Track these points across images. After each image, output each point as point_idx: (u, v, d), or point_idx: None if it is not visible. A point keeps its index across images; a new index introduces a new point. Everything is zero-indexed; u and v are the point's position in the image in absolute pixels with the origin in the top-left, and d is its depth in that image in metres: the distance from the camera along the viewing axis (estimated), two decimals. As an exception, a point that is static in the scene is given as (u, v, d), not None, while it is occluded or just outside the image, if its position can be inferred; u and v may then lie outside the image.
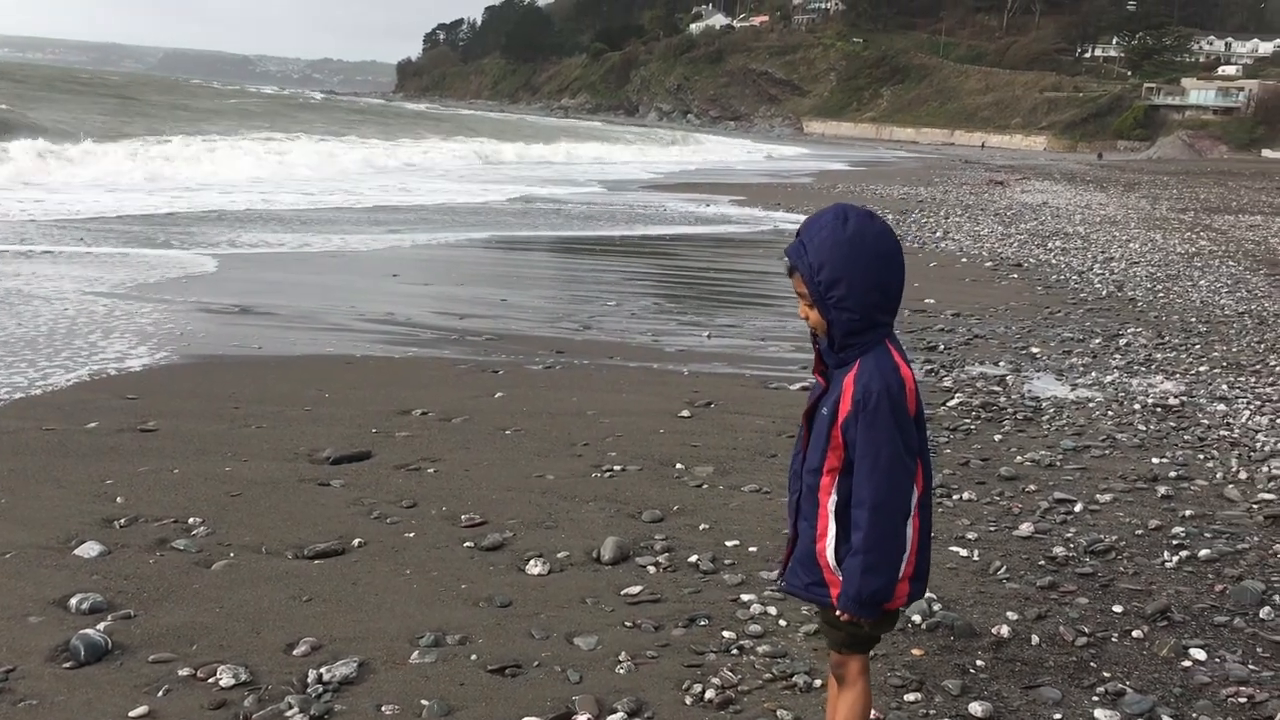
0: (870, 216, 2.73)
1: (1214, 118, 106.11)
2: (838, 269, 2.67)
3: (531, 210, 22.01)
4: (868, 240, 2.69)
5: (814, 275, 2.70)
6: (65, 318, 9.04)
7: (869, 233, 2.70)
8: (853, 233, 2.68)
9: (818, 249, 2.69)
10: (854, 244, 2.67)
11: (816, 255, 2.69)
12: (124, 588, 4.23)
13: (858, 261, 2.67)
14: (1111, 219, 26.10)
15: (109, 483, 5.36)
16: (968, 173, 51.18)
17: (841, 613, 2.79)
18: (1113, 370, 9.06)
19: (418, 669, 3.73)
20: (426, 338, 9.17)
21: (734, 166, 50.74)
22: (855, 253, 2.67)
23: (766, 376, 8.34)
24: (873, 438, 2.67)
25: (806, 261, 2.71)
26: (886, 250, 2.71)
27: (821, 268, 2.68)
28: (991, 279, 14.58)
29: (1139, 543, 5.17)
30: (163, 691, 3.50)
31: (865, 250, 2.68)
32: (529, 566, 4.62)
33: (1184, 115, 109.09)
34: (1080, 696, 3.72)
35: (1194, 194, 38.64)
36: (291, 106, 71.90)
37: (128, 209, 17.71)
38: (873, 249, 2.69)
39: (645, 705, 3.53)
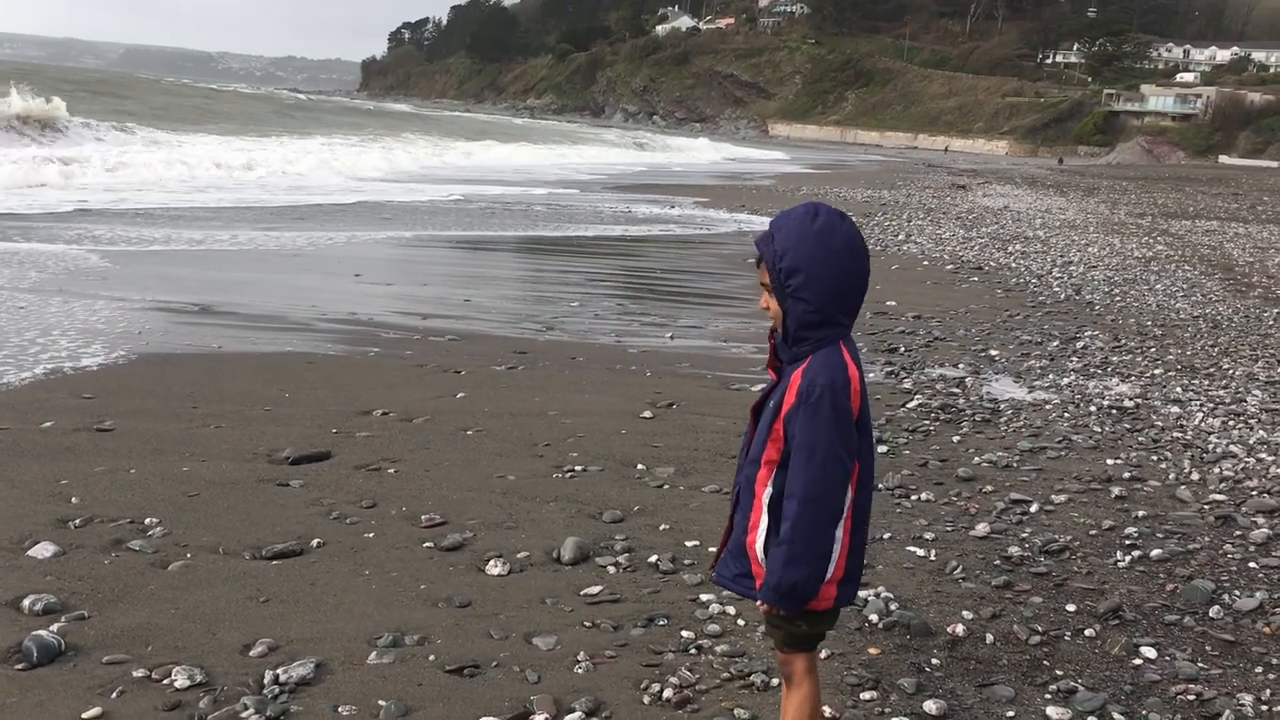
0: (841, 217, 2.76)
1: (1172, 124, 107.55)
2: (799, 259, 2.70)
3: (494, 210, 21.96)
4: (835, 237, 2.72)
5: (776, 262, 2.72)
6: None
7: (837, 230, 2.73)
8: (820, 227, 2.71)
9: (784, 238, 2.72)
10: (820, 238, 2.70)
11: (782, 244, 2.72)
12: (78, 589, 4.19)
13: (821, 255, 2.69)
14: (1071, 223, 26.40)
15: (64, 483, 5.30)
16: (930, 176, 51.57)
17: (761, 603, 2.81)
18: (1070, 373, 9.17)
19: (375, 669, 3.72)
20: (389, 337, 9.13)
21: (699, 168, 50.83)
22: (819, 246, 2.70)
23: (728, 378, 8.38)
24: (811, 432, 2.69)
25: (772, 248, 2.74)
26: (852, 250, 2.74)
27: (784, 255, 2.71)
28: (952, 282, 14.71)
29: (1093, 543, 5.24)
30: (116, 693, 3.47)
31: (830, 246, 2.71)
32: (489, 567, 4.62)
33: (1143, 121, 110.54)
34: (1033, 694, 3.77)
35: (1152, 199, 39.14)
36: (307, 109, 70.13)
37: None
38: (838, 246, 2.72)
39: (603, 705, 3.55)
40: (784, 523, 2.73)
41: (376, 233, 16.92)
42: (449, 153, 43.26)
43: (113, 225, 15.37)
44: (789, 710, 2.94)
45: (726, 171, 48.24)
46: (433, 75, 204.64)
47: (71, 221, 15.51)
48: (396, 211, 20.47)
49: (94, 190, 20.25)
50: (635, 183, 34.68)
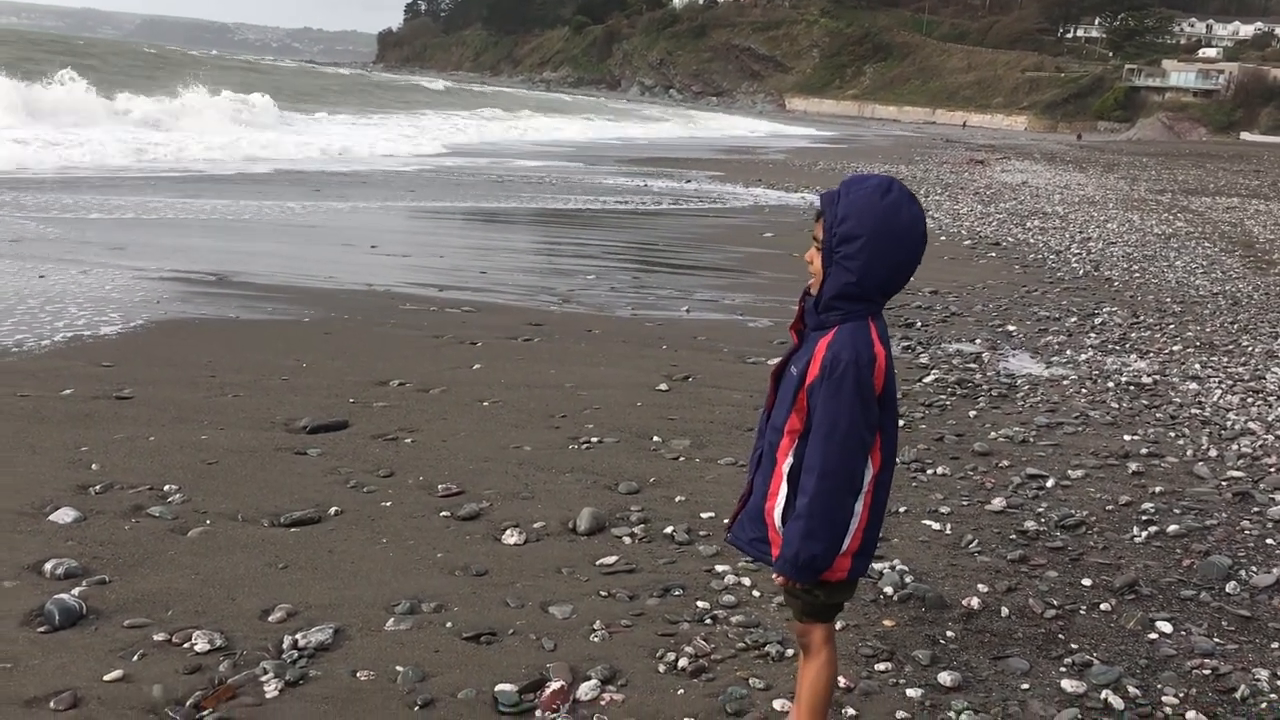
0: (912, 199, 2.73)
1: (1194, 100, 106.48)
2: (860, 227, 2.67)
3: (507, 181, 21.92)
4: (900, 217, 2.69)
5: (835, 224, 2.70)
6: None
7: (904, 212, 2.70)
8: (889, 204, 2.69)
9: (851, 203, 2.70)
10: (886, 214, 2.68)
11: (846, 208, 2.70)
12: (99, 553, 4.23)
13: (881, 230, 2.67)
14: (1090, 199, 26.21)
15: (84, 449, 5.35)
16: (948, 151, 51.24)
17: (776, 575, 2.82)
18: (1087, 349, 9.13)
19: (393, 636, 3.75)
20: (406, 308, 9.14)
21: (716, 141, 50.63)
22: (881, 222, 2.67)
23: (744, 351, 8.37)
24: (833, 407, 2.68)
25: (835, 209, 2.71)
26: (913, 234, 2.72)
27: (845, 220, 2.69)
28: (970, 257, 14.64)
29: (1109, 518, 5.23)
30: (137, 656, 3.51)
31: (892, 225, 2.68)
32: (505, 536, 4.64)
33: (1164, 97, 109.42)
34: (1048, 667, 3.77)
35: (1172, 175, 38.84)
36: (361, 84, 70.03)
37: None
38: (901, 227, 2.69)
39: (619, 673, 3.57)
40: (801, 496, 2.73)
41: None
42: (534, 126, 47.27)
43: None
44: (806, 678, 2.95)
45: (744, 145, 48.03)
46: (449, 47, 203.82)
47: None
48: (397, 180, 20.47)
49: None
50: (652, 156, 34.54)
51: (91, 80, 29.95)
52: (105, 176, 17.94)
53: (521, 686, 3.43)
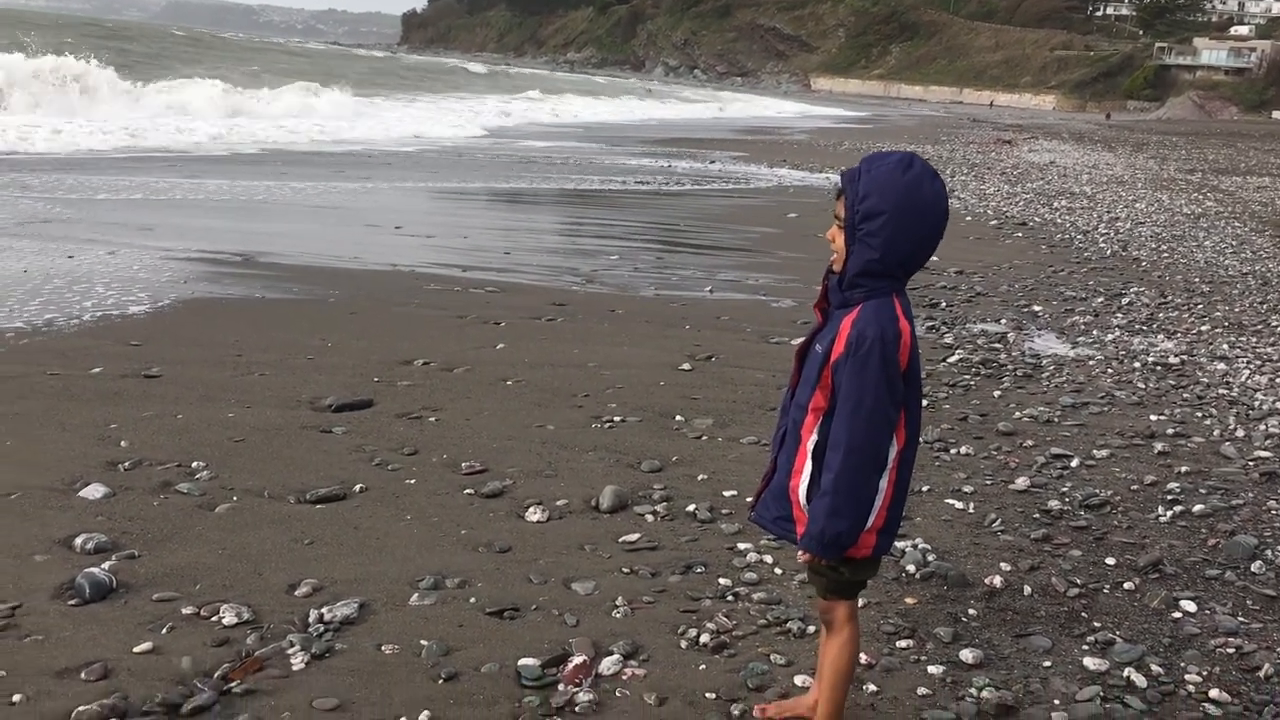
0: (934, 176, 2.73)
1: (1225, 78, 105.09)
2: (881, 204, 2.67)
3: (531, 162, 21.92)
4: (922, 193, 2.68)
5: (857, 202, 2.70)
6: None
7: (926, 188, 2.69)
8: (911, 179, 2.68)
9: (872, 179, 2.69)
10: (908, 190, 2.67)
11: (867, 185, 2.69)
12: (128, 528, 4.29)
13: (903, 206, 2.66)
14: (1119, 179, 25.97)
15: (113, 427, 5.41)
16: (975, 131, 50.85)
17: (802, 551, 2.83)
18: (1114, 329, 9.07)
19: (417, 610, 3.78)
20: (431, 289, 9.18)
21: (740, 122, 50.45)
22: (905, 197, 2.67)
23: (767, 331, 8.36)
24: (858, 383, 2.69)
25: (856, 187, 2.71)
26: (934, 210, 2.71)
27: (866, 197, 2.68)
28: (996, 237, 14.54)
29: (1134, 498, 5.21)
30: (166, 629, 3.56)
31: (915, 200, 2.67)
32: (528, 513, 4.67)
33: (1195, 76, 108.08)
34: (1070, 645, 3.77)
35: (1202, 155, 38.40)
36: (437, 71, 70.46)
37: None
38: (922, 203, 2.68)
39: (641, 648, 3.59)
40: (826, 473, 2.74)
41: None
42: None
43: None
44: (828, 654, 2.97)
45: (768, 125, 47.85)
46: (473, 28, 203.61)
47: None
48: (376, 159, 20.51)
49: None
50: (677, 136, 34.45)
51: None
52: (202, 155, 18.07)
53: (544, 661, 3.46)
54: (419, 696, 3.24)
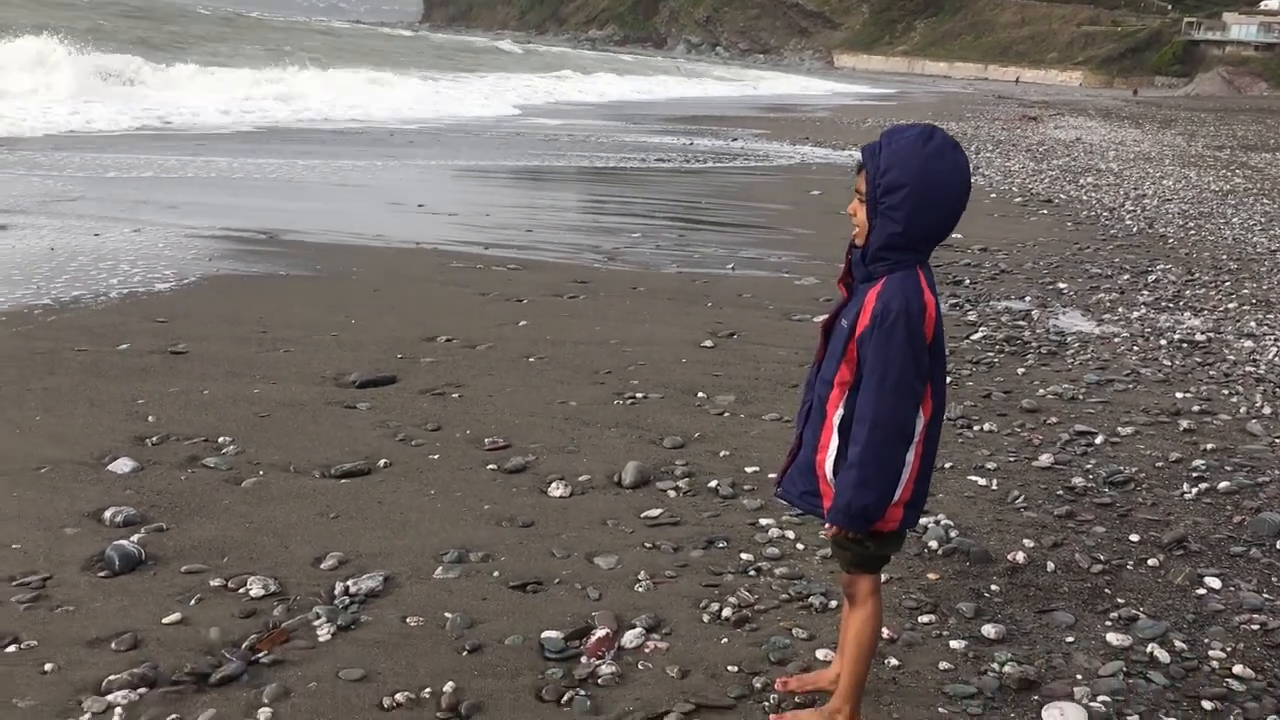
0: (955, 146, 2.71)
1: (1255, 54, 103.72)
2: (902, 177, 2.66)
3: (555, 140, 21.89)
4: (943, 164, 2.67)
5: (878, 175, 2.69)
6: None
7: (948, 158, 2.68)
8: (932, 151, 2.67)
9: (893, 153, 2.68)
10: (928, 161, 2.66)
11: (888, 158, 2.68)
12: (156, 502, 4.34)
13: (924, 179, 2.65)
14: (1146, 156, 25.71)
15: (141, 402, 5.47)
16: (1000, 108, 50.42)
17: (829, 525, 2.83)
18: (1140, 306, 9.00)
19: (441, 584, 3.81)
20: (454, 266, 9.20)
21: (767, 100, 50.21)
22: (925, 170, 2.66)
23: (790, 309, 8.34)
24: (884, 356, 2.68)
25: (877, 161, 2.70)
26: (956, 182, 2.70)
27: (888, 170, 2.67)
28: (1021, 215, 14.44)
29: (1159, 474, 5.19)
30: (195, 600, 3.61)
31: (936, 172, 2.66)
32: (551, 489, 4.70)
33: (1224, 51, 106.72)
34: (1093, 621, 3.77)
35: (1231, 131, 37.95)
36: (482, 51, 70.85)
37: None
38: (944, 174, 2.67)
39: (664, 622, 3.61)
40: (853, 446, 2.74)
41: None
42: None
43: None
44: (851, 628, 2.97)
45: (787, 103, 47.63)
46: (494, 6, 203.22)
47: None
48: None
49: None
50: (697, 113, 34.32)
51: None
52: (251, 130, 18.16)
53: (567, 634, 3.48)
54: (444, 668, 3.27)
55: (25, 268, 8.14)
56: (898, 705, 3.18)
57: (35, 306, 7.12)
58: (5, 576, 3.69)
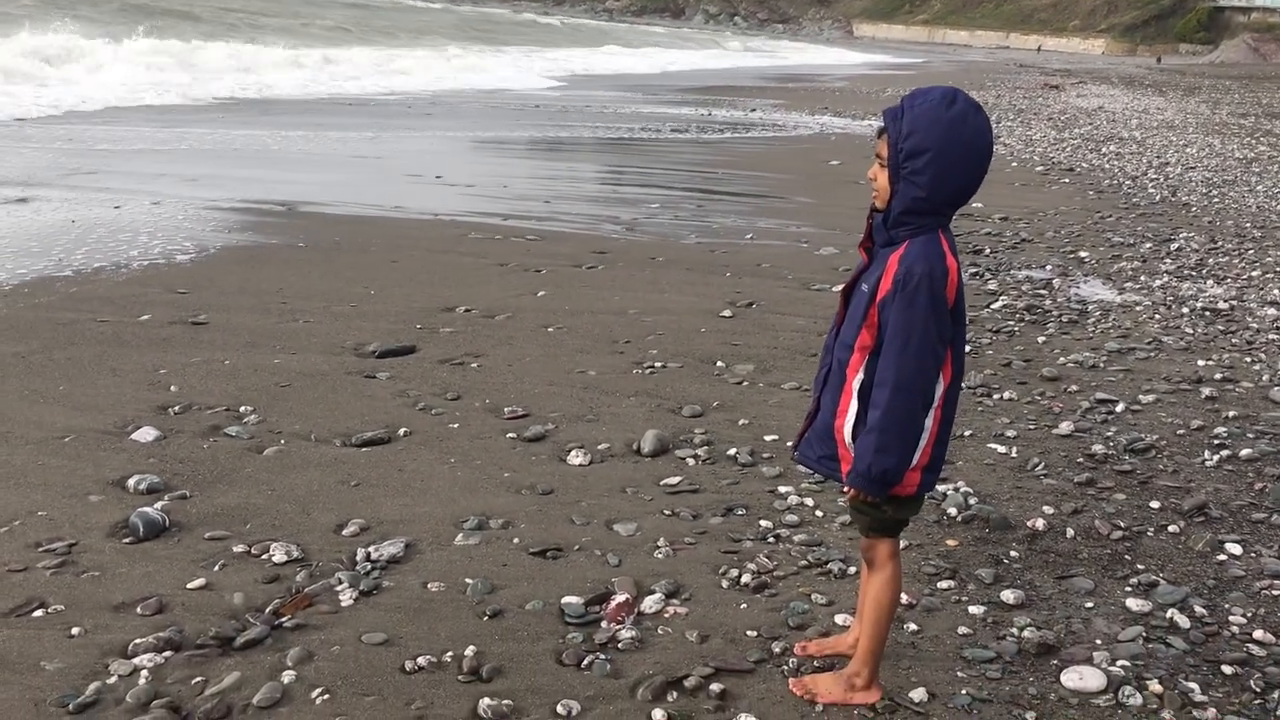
0: (977, 109, 2.68)
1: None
2: (925, 141, 2.63)
3: (570, 109, 21.81)
4: (966, 128, 2.65)
5: (899, 140, 2.66)
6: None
7: (970, 122, 2.65)
8: (955, 114, 2.64)
9: (915, 117, 2.65)
10: (952, 125, 2.63)
11: (910, 123, 2.66)
12: (179, 470, 4.38)
13: (948, 143, 2.63)
14: (1169, 124, 25.44)
15: (163, 372, 5.51)
16: (1022, 77, 49.92)
17: (848, 488, 2.83)
18: (1162, 274, 8.93)
19: (462, 550, 3.84)
20: (472, 237, 9.20)
21: (782, 70, 49.86)
22: (949, 134, 2.63)
23: (808, 278, 8.32)
24: (906, 320, 2.67)
25: (899, 125, 2.68)
26: (979, 145, 2.67)
27: (910, 135, 2.65)
28: (1042, 183, 14.33)
29: (1180, 442, 5.16)
30: (219, 566, 3.64)
31: (959, 136, 2.64)
32: (570, 457, 4.71)
33: (1249, 18, 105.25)
34: (1113, 587, 3.76)
35: (1256, 99, 37.49)
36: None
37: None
38: (967, 138, 2.65)
39: (683, 587, 3.63)
40: (874, 410, 2.73)
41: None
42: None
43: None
44: (870, 592, 2.98)
45: (807, 73, 47.24)
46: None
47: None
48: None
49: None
50: (716, 84, 34.12)
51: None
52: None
53: (587, 599, 3.51)
54: (465, 632, 3.30)
55: (46, 240, 8.19)
56: (916, 669, 3.19)
57: (57, 278, 7.17)
58: (32, 543, 3.74)
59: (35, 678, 2.99)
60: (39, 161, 11.70)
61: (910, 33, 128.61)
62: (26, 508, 3.99)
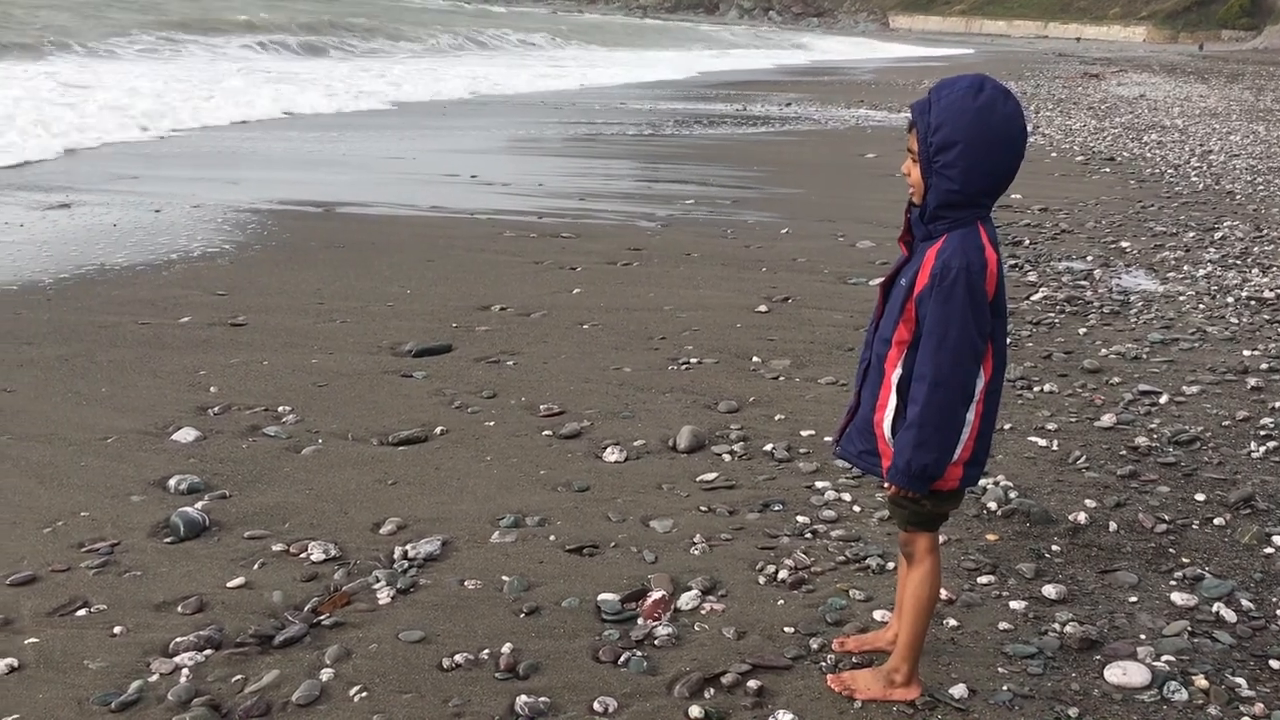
0: (1006, 96, 2.63)
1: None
2: (955, 134, 2.59)
3: (608, 108, 21.81)
4: (995, 116, 2.60)
5: (928, 134, 2.62)
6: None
7: (999, 110, 2.60)
8: (983, 104, 2.59)
9: (942, 109, 2.61)
10: (980, 114, 2.59)
11: (938, 116, 2.61)
12: (219, 470, 4.42)
13: (977, 133, 2.58)
14: (1212, 111, 25.05)
15: (202, 373, 5.56)
16: (1061, 66, 49.36)
17: (888, 484, 2.80)
18: (1206, 264, 8.79)
19: (498, 548, 3.85)
20: (507, 236, 9.22)
21: (816, 64, 49.64)
22: (978, 124, 2.58)
23: (845, 272, 8.26)
24: (944, 314, 2.63)
25: (927, 118, 2.63)
26: (1011, 132, 2.62)
27: (939, 129, 2.61)
28: (1082, 173, 14.15)
29: (1225, 433, 5.08)
30: (258, 565, 3.67)
31: (989, 125, 2.59)
32: (606, 454, 4.71)
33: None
34: (1157, 580, 3.70)
35: (1302, 84, 36.82)
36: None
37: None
38: (997, 127, 2.60)
39: (720, 584, 3.61)
40: (913, 405, 2.70)
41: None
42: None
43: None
44: (909, 587, 2.95)
45: (840, 66, 47.01)
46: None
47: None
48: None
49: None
50: (752, 80, 34.02)
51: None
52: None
53: (623, 596, 3.50)
54: (502, 629, 3.30)
55: (88, 244, 8.30)
56: (956, 665, 3.15)
57: (99, 281, 7.26)
58: (75, 543, 3.79)
59: (78, 676, 3.03)
60: (79, 170, 11.86)
61: (947, 24, 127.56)
62: (70, 508, 4.05)
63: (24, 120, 14.36)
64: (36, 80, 19.65)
